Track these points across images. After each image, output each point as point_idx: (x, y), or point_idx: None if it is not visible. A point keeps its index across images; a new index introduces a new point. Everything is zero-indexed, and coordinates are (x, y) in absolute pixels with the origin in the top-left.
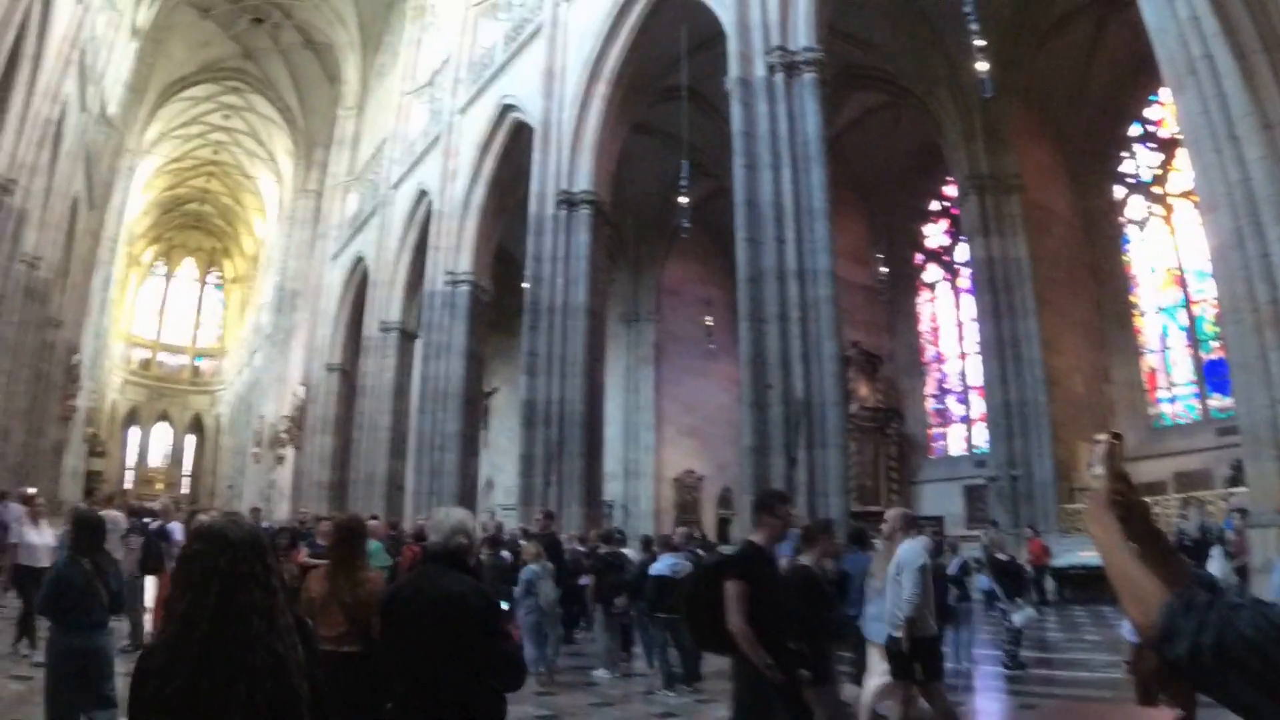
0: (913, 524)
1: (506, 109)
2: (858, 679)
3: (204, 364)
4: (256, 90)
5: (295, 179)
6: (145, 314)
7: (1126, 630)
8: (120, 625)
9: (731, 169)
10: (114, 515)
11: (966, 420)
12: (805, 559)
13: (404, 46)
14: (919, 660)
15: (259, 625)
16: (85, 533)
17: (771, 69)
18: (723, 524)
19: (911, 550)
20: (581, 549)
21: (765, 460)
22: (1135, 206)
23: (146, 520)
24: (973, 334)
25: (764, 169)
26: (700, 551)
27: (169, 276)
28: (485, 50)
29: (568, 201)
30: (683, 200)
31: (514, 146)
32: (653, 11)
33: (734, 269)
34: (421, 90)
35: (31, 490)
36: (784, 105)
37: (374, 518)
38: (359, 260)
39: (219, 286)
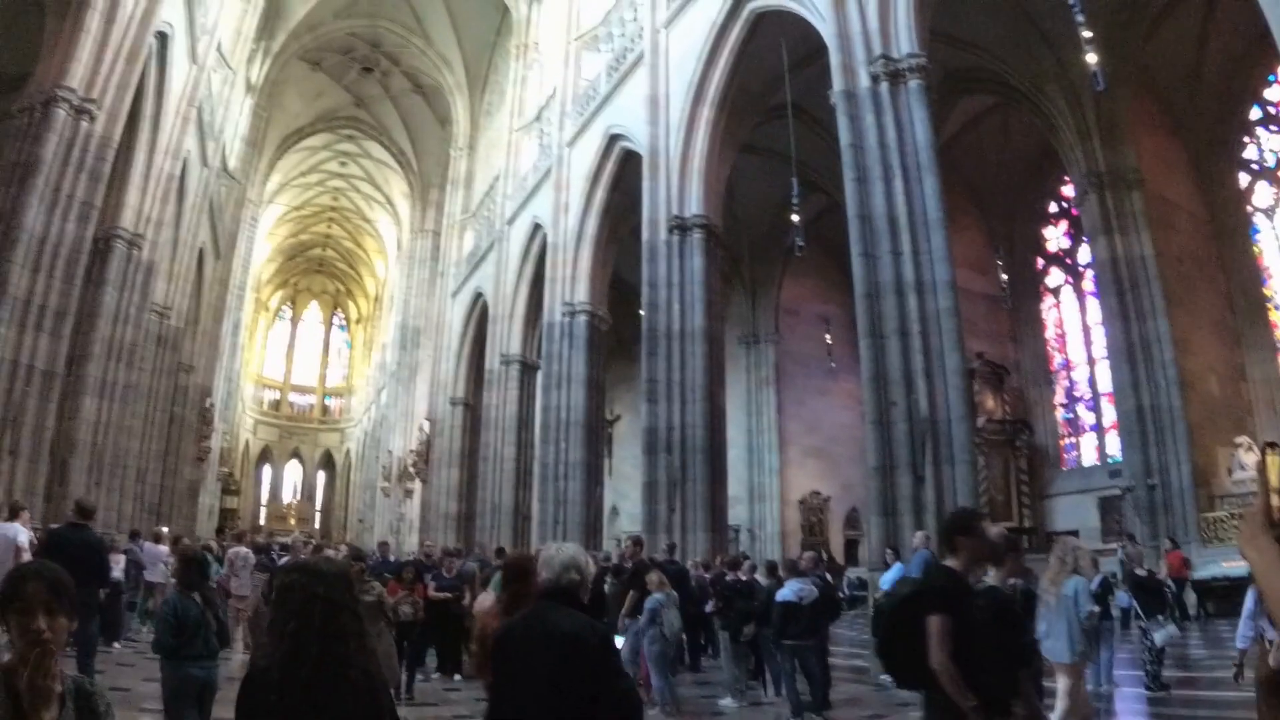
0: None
1: (614, 138)
2: None
3: (332, 403)
4: (370, 136)
5: (412, 220)
6: (274, 357)
7: (1240, 638)
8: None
9: (842, 183)
10: (243, 552)
11: (1098, 429)
12: (992, 579)
13: (510, 85)
14: None
15: (354, 646)
16: (192, 569)
17: (875, 79)
18: (850, 545)
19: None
20: (706, 575)
21: (891, 479)
22: (1261, 193)
23: (272, 555)
24: (1100, 338)
25: (875, 181)
26: (828, 575)
27: (295, 320)
28: (589, 82)
29: (680, 227)
30: (795, 218)
31: (623, 175)
32: (751, 31)
33: (851, 285)
34: (530, 126)
35: (165, 529)
36: (891, 115)
37: (500, 549)
38: (478, 296)
39: (344, 327)
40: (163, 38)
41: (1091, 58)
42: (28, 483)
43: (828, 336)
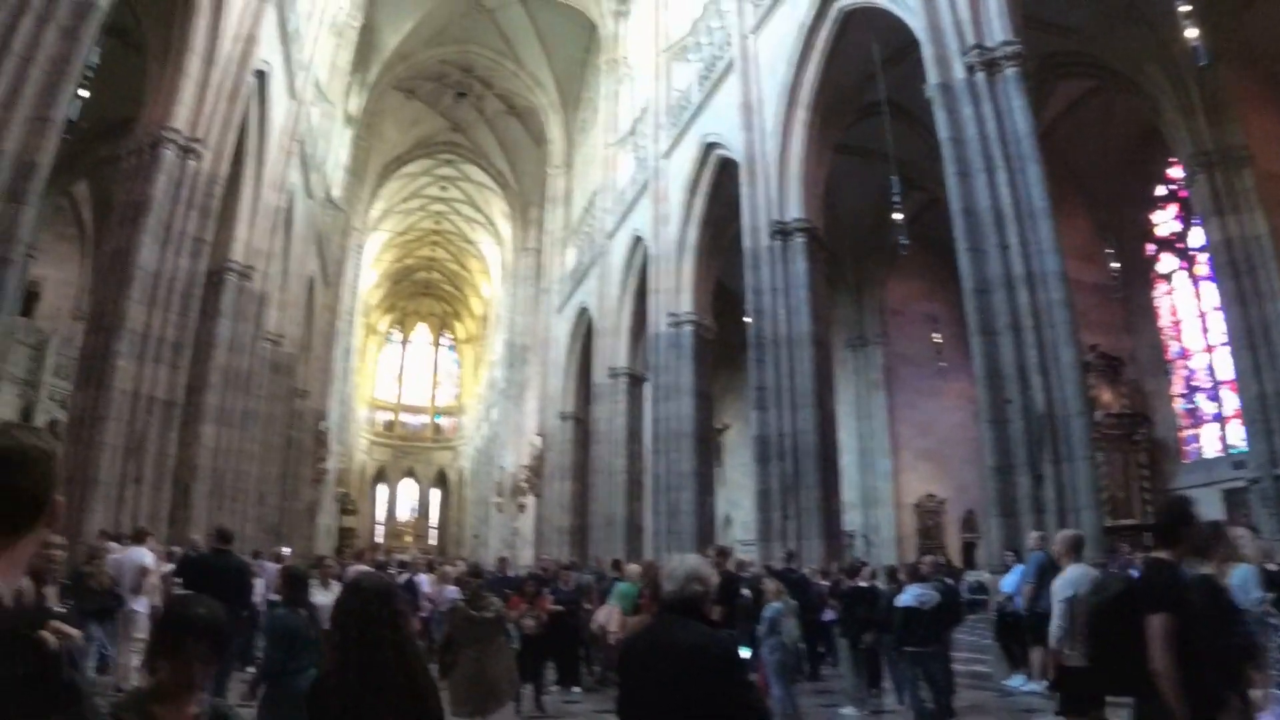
0: (1079, 547)
1: (709, 147)
2: None
3: (444, 421)
4: (468, 160)
5: (514, 239)
6: (386, 378)
7: None
8: None
9: (943, 178)
10: (364, 570)
11: (1220, 418)
12: (1206, 569)
13: (602, 100)
14: (1059, 690)
15: (391, 654)
16: (296, 586)
17: (971, 69)
18: (968, 548)
19: (1068, 578)
20: (824, 582)
21: (1009, 479)
22: None
23: (392, 573)
24: (1218, 324)
25: (977, 174)
26: (948, 580)
27: (405, 342)
28: (681, 93)
29: (781, 232)
30: (897, 217)
31: (721, 183)
32: (840, 30)
33: (958, 281)
34: (625, 140)
35: (286, 549)
36: (989, 105)
37: (616, 562)
38: (583, 310)
39: (452, 348)
40: (261, 76)
41: (1191, 33)
42: (152, 508)
43: (936, 336)
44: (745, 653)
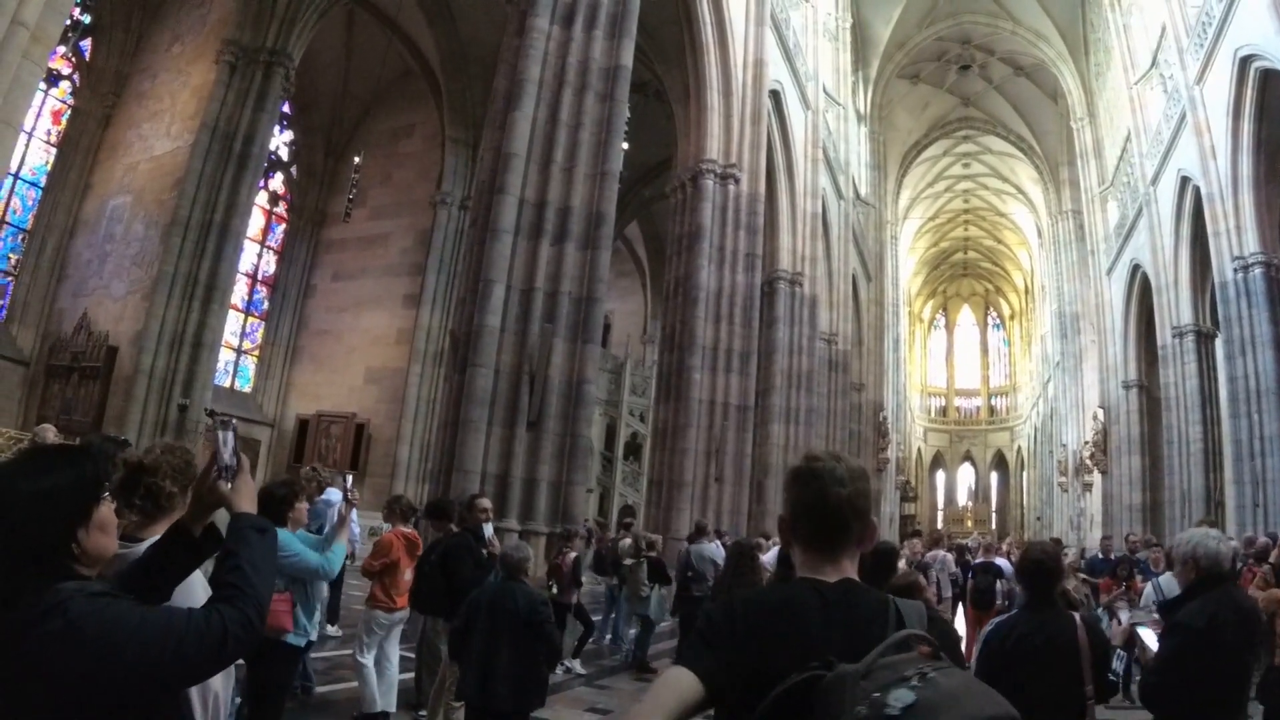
0: None
1: (1245, 61)
2: None
3: (998, 402)
4: (985, 131)
5: (1047, 204)
6: (935, 365)
7: None
8: None
9: None
10: (940, 555)
11: None
12: None
13: (1112, 38)
14: None
15: None
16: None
17: None
18: None
19: None
20: None
21: None
22: None
23: (966, 557)
24: None
25: None
26: None
27: (950, 326)
28: (1197, 9)
29: None
30: None
31: (1268, 99)
32: None
33: None
34: (1147, 75)
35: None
36: None
37: (1249, 539)
38: (1135, 268)
39: (998, 326)
40: (775, 95)
41: None
42: (733, 504)
43: None
44: None
